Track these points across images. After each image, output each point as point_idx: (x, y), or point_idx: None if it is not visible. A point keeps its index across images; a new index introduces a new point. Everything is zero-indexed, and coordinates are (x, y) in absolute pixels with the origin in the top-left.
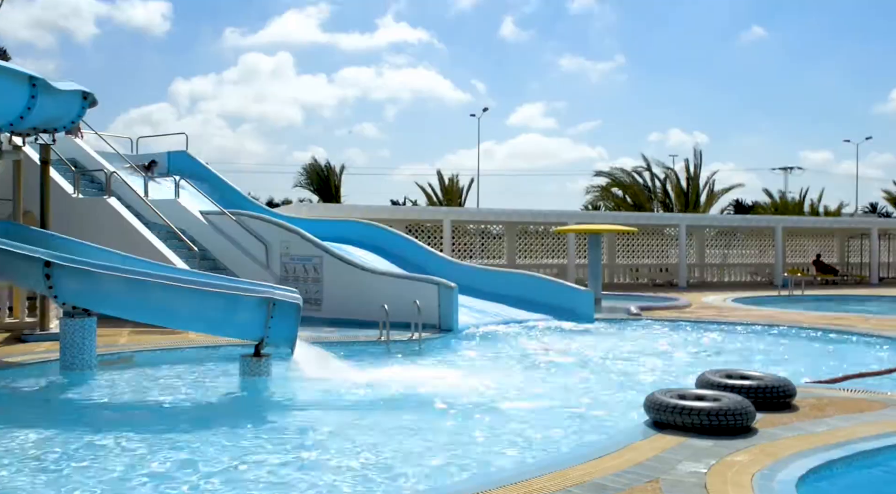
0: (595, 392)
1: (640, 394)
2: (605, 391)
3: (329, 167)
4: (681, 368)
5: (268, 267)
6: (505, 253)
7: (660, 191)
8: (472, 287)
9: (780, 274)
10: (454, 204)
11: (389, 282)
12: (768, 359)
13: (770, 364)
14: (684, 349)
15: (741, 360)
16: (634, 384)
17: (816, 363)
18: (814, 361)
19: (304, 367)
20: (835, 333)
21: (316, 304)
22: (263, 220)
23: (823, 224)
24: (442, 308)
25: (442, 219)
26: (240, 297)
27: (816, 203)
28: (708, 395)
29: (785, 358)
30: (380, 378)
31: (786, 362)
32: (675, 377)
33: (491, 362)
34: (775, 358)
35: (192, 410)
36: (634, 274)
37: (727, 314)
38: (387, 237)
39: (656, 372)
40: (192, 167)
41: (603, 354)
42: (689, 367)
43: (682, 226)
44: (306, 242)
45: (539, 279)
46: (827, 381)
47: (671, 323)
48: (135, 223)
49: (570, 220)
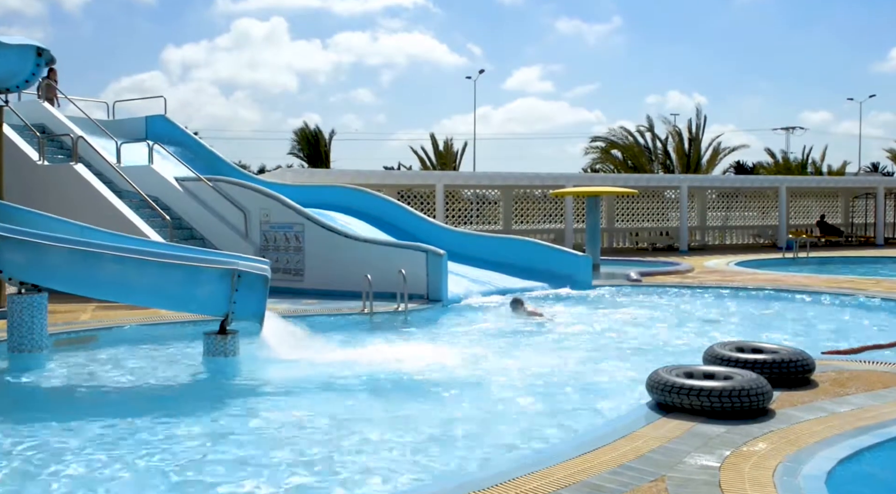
0: (592, 369)
1: (641, 370)
2: (603, 367)
3: (319, 132)
4: (685, 339)
5: (247, 236)
6: (501, 218)
7: (661, 152)
8: (464, 254)
9: (783, 236)
10: (448, 168)
11: (375, 250)
12: (778, 327)
13: (781, 332)
14: (688, 317)
15: (750, 329)
16: (635, 358)
17: (830, 330)
18: (827, 328)
19: (274, 345)
20: (846, 297)
21: (298, 275)
22: (242, 186)
23: (829, 183)
24: (430, 277)
25: (434, 184)
26: (200, 269)
27: (819, 162)
28: (718, 373)
29: (795, 325)
30: (358, 356)
31: (797, 330)
32: (679, 349)
33: (479, 335)
34: (785, 326)
35: (143, 396)
36: (634, 239)
37: (731, 278)
38: (375, 203)
39: (659, 345)
40: (171, 132)
41: (601, 325)
42: (694, 338)
43: (683, 188)
44: (287, 209)
45: (535, 244)
46: (845, 352)
47: (673, 289)
48: (103, 191)
49: (567, 183)
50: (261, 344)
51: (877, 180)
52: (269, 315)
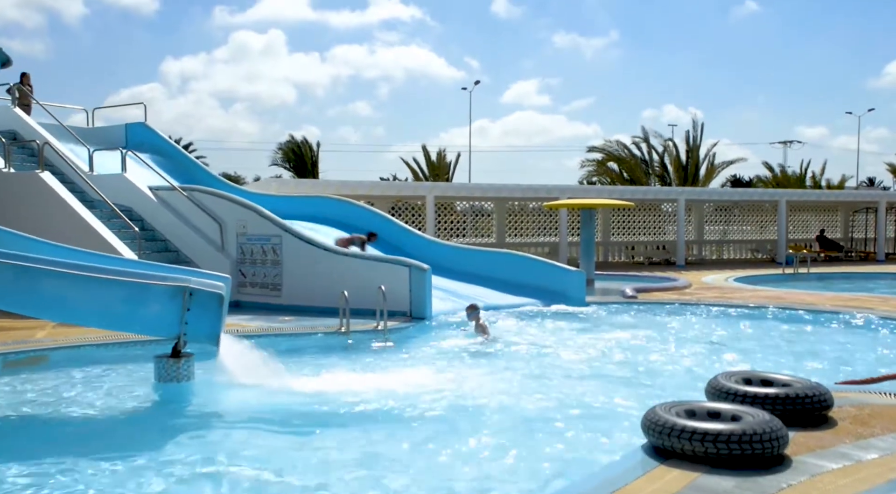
0: (581, 402)
1: (636, 405)
2: (593, 401)
3: (305, 143)
4: (685, 366)
5: (223, 248)
6: (495, 231)
7: (657, 164)
8: (453, 268)
9: (782, 251)
10: (441, 180)
11: (356, 265)
12: (783, 350)
13: (786, 356)
14: (687, 339)
15: (753, 352)
16: (628, 389)
17: (839, 354)
18: (836, 352)
19: (232, 370)
20: (853, 317)
21: (275, 290)
22: (217, 196)
23: (829, 197)
24: (413, 293)
25: (425, 195)
26: (147, 287)
27: (819, 176)
28: (724, 412)
29: (802, 348)
30: (323, 382)
31: (804, 353)
32: (678, 379)
33: (459, 359)
34: (791, 349)
35: (82, 426)
36: (630, 253)
37: (730, 295)
38: (360, 214)
39: (656, 372)
40: (151, 140)
41: (594, 348)
42: (694, 365)
43: (680, 201)
44: (264, 220)
45: (526, 259)
46: (861, 382)
47: (671, 307)
48: (70, 200)
49: (562, 195)
50: (218, 368)
51: (878, 194)
52: (228, 337)
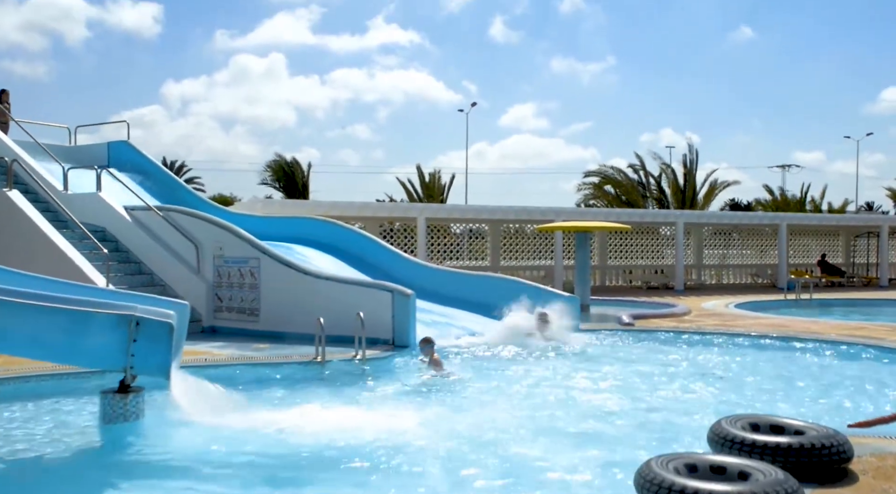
0: (569, 454)
1: (628, 454)
2: (565, 455)
3: (296, 163)
4: (683, 406)
5: (199, 271)
6: (488, 254)
7: (654, 188)
8: (441, 293)
9: (783, 276)
10: (435, 201)
11: (336, 289)
12: (791, 386)
13: (795, 392)
14: (686, 374)
15: (757, 388)
16: (620, 433)
17: (849, 388)
18: (845, 386)
19: (188, 407)
20: (861, 347)
21: (253, 315)
22: (194, 216)
23: (830, 221)
24: (396, 319)
25: (416, 217)
26: (89, 315)
27: (819, 200)
28: (730, 467)
29: (809, 382)
30: (292, 420)
31: (811, 387)
32: (676, 423)
33: (442, 394)
34: (799, 385)
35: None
36: (628, 277)
37: (732, 323)
38: (346, 236)
39: (652, 414)
40: (133, 159)
41: (577, 384)
42: (694, 405)
43: (679, 224)
44: (242, 242)
45: (518, 284)
46: (875, 422)
47: (669, 336)
48: (38, 220)
49: (556, 218)
50: (173, 404)
51: (881, 218)
52: (180, 371)
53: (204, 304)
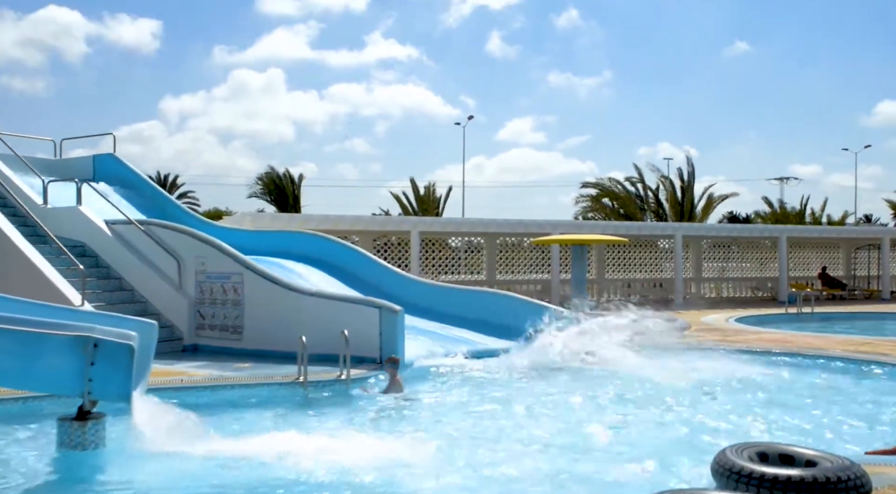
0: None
1: None
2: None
3: (288, 176)
4: (684, 431)
5: (180, 287)
6: (484, 267)
7: (652, 201)
8: (433, 309)
9: (784, 289)
10: (431, 215)
11: (322, 305)
12: (797, 407)
13: (801, 414)
14: (687, 393)
15: (763, 410)
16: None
17: (859, 409)
18: (857, 408)
19: (152, 435)
20: (868, 364)
21: (236, 333)
22: (176, 231)
23: (830, 233)
24: (384, 337)
25: (410, 231)
26: (42, 337)
27: (819, 212)
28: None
29: (817, 404)
30: (264, 448)
31: (819, 408)
32: (673, 451)
33: (426, 416)
34: (805, 405)
35: None
36: (626, 290)
37: (733, 338)
38: (336, 250)
39: (649, 439)
40: (119, 172)
41: (579, 406)
42: (696, 429)
43: (677, 237)
44: (225, 256)
45: (512, 299)
46: (893, 450)
47: (668, 352)
48: (11, 234)
49: (553, 231)
50: (135, 432)
51: (882, 230)
52: (146, 396)
53: (185, 322)
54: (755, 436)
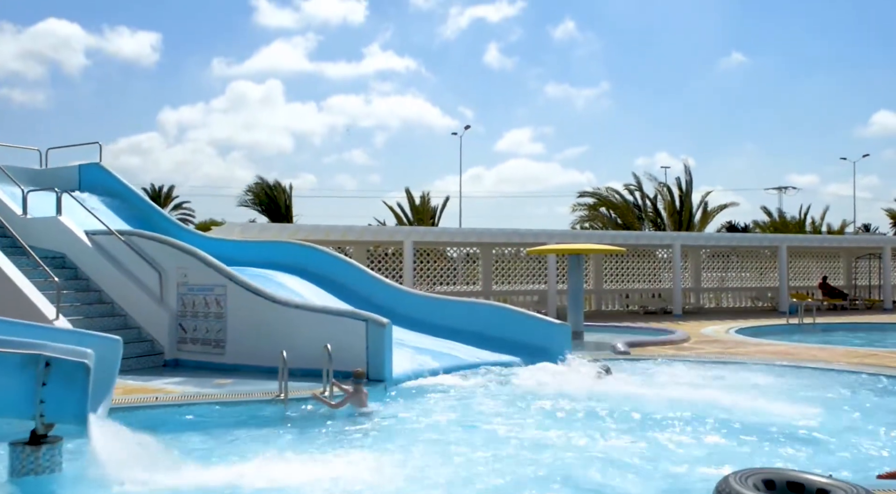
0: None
1: None
2: None
3: (278, 185)
4: (682, 454)
5: (161, 299)
6: (480, 278)
7: (650, 210)
8: (425, 321)
9: (784, 300)
10: (426, 225)
11: (305, 318)
12: (803, 425)
13: (807, 434)
14: (686, 410)
15: (767, 431)
16: None
17: (873, 429)
18: (868, 426)
19: (113, 460)
20: (876, 378)
21: (218, 347)
22: (158, 241)
23: (831, 243)
24: (371, 351)
25: (403, 241)
26: None
27: (819, 222)
28: None
29: (824, 422)
30: (234, 474)
31: (825, 427)
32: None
33: (410, 437)
34: (813, 424)
35: None
36: (625, 301)
37: (734, 350)
38: (325, 261)
39: (646, 464)
40: (105, 182)
41: (571, 427)
42: (695, 451)
43: (676, 246)
44: (208, 268)
45: (505, 311)
46: None
47: (667, 365)
48: None
49: (549, 240)
50: (94, 457)
51: (883, 240)
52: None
53: (166, 335)
54: (754, 458)
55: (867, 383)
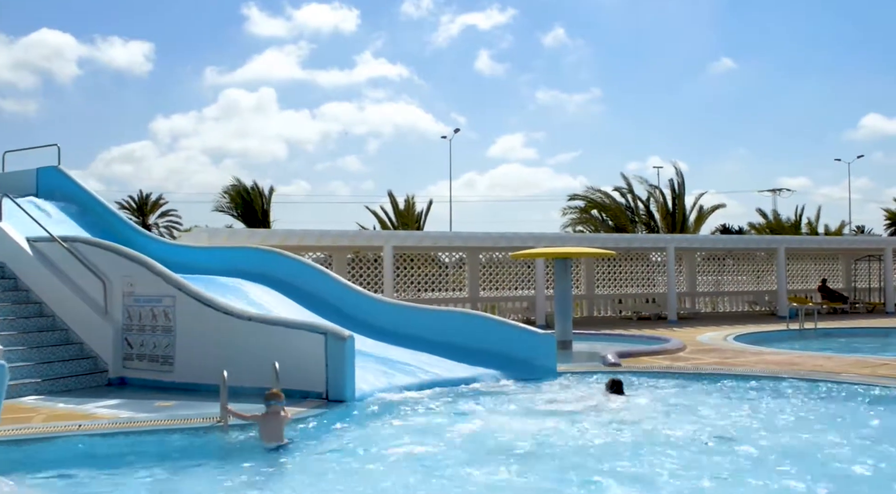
0: None
1: None
2: None
3: (256, 189)
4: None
5: (106, 312)
6: (467, 284)
7: (643, 212)
8: (398, 332)
9: (783, 303)
10: (411, 229)
11: (260, 331)
12: (814, 450)
13: (817, 453)
14: (683, 432)
15: (769, 452)
16: None
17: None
18: (886, 449)
19: None
20: (891, 391)
21: (166, 364)
22: (104, 248)
23: (830, 244)
24: (330, 367)
25: (382, 246)
26: None
27: (815, 223)
28: None
29: (840, 447)
30: None
31: (843, 453)
32: None
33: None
34: (825, 449)
35: None
36: (617, 306)
37: (733, 360)
38: (290, 266)
39: None
40: (62, 186)
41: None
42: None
43: (669, 249)
44: (156, 277)
45: (485, 320)
46: None
47: (662, 379)
48: None
49: (537, 244)
50: None
51: (884, 241)
52: None
53: (111, 351)
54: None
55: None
